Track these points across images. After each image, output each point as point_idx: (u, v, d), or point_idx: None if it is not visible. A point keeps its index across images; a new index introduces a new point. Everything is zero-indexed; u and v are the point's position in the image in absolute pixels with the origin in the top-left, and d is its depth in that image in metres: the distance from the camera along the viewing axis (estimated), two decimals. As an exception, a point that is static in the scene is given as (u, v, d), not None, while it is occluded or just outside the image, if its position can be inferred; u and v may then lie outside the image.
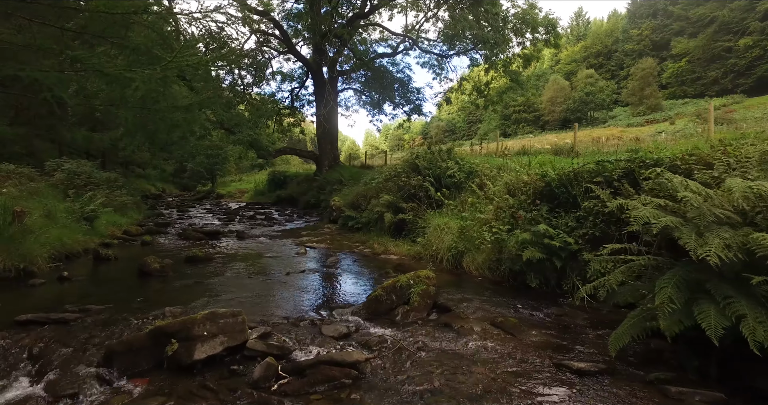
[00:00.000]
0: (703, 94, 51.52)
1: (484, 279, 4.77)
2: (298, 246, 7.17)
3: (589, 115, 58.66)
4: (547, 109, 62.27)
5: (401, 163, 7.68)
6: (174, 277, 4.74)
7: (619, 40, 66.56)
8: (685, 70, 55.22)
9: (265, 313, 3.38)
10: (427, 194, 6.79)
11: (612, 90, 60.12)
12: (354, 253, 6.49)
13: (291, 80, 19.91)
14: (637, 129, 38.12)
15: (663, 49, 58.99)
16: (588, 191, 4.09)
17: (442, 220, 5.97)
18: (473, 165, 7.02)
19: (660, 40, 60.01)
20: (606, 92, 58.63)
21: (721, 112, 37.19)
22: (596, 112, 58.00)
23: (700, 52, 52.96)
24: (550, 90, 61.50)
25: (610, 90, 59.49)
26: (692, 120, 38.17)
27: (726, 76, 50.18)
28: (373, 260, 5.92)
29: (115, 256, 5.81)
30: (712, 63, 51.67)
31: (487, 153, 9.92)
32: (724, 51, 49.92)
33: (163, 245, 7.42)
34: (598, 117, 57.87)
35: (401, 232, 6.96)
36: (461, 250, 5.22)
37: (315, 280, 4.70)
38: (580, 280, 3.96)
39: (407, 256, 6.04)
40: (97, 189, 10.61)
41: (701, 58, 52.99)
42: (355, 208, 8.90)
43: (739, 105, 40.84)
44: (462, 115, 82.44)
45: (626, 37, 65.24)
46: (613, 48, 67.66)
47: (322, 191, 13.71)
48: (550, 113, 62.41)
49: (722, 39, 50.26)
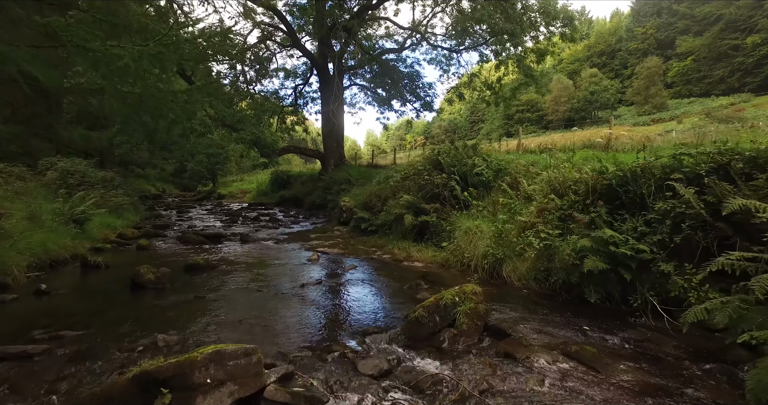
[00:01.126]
0: (709, 92, 50.96)
1: (530, 291, 4.12)
2: (308, 251, 6.52)
3: (593, 114, 58.10)
4: (550, 108, 61.75)
5: (421, 160, 7.03)
6: (171, 289, 4.09)
7: (623, 39, 65.98)
8: (691, 68, 54.63)
9: (282, 342, 2.73)
10: (452, 194, 6.14)
11: (616, 89, 59.54)
12: (372, 259, 5.84)
13: (294, 77, 19.29)
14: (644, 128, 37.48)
15: (668, 47, 58.42)
16: (663, 189, 3.44)
17: (472, 222, 5.32)
18: (502, 162, 6.37)
19: (665, 39, 59.45)
20: (610, 91, 58.06)
21: (731, 111, 36.58)
22: (600, 112, 57.42)
23: (706, 51, 52.37)
24: (553, 89, 60.96)
25: (614, 89, 58.92)
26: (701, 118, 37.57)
27: (733, 74, 49.57)
28: (395, 268, 5.27)
29: (105, 264, 5.16)
30: (718, 61, 51.07)
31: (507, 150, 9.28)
32: (730, 49, 49.32)
33: (161, 250, 6.78)
34: (602, 116, 57.30)
35: (423, 235, 6.31)
36: (499, 258, 4.57)
37: (335, 294, 4.05)
38: (655, 295, 3.31)
39: (433, 263, 5.39)
40: (92, 189, 9.98)
41: (707, 57, 52.39)
42: (368, 209, 8.26)
43: (747, 104, 40.20)
44: (464, 115, 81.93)
45: (630, 35, 64.67)
46: (617, 47, 67.10)
47: (329, 191, 13.07)
48: (553, 113, 61.87)
49: (729, 37, 49.67)
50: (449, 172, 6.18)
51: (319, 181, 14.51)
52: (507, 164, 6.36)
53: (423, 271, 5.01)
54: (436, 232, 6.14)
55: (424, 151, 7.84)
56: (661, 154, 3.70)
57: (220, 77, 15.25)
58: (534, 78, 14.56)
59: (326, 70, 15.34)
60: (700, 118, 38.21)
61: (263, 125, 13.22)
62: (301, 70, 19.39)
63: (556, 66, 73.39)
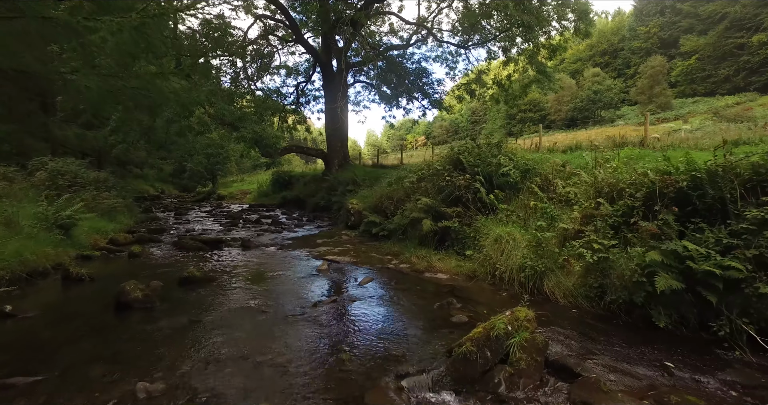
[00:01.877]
0: (714, 92, 50.46)
1: (580, 311, 3.53)
2: (316, 259, 5.93)
3: (597, 114, 57.65)
4: (553, 108, 61.28)
5: (440, 159, 6.44)
6: (162, 310, 3.50)
7: (626, 39, 65.53)
8: (695, 67, 54.19)
9: (299, 393, 2.12)
10: (475, 197, 5.55)
11: (620, 88, 59.08)
12: (389, 270, 5.25)
13: (296, 74, 18.73)
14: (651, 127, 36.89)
15: (671, 46, 57.97)
16: (755, 193, 2.86)
17: (502, 229, 4.73)
18: (530, 161, 5.78)
19: (668, 38, 59.01)
20: (614, 91, 57.58)
21: (739, 110, 36.00)
22: (603, 111, 56.99)
23: (711, 50, 51.91)
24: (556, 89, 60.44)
25: (618, 88, 58.44)
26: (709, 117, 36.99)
27: (738, 73, 49.09)
28: (417, 281, 4.68)
29: (90, 276, 4.57)
30: (723, 60, 50.60)
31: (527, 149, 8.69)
32: (736, 48, 48.86)
33: (155, 258, 6.19)
34: (605, 116, 56.86)
35: (443, 242, 5.72)
36: (539, 271, 3.98)
37: (354, 317, 3.45)
38: (750, 322, 2.72)
39: (459, 274, 4.80)
40: (83, 190, 9.40)
41: (712, 56, 51.93)
42: (378, 213, 7.67)
43: (754, 103, 39.68)
44: (465, 116, 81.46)
45: (633, 35, 64.22)
46: (620, 46, 66.64)
47: (334, 192, 12.48)
48: (556, 112, 61.40)
49: (734, 36, 49.21)
50: (472, 172, 5.59)
51: (322, 181, 13.92)
52: (535, 164, 5.77)
53: (449, 285, 4.42)
54: (458, 239, 5.55)
55: (433, 150, 7.27)
56: (752, 151, 3.10)
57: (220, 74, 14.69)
58: (547, 74, 13.98)
59: (330, 66, 14.75)
60: (708, 117, 37.67)
61: (265, 123, 12.62)
62: (304, 68, 18.83)
63: (558, 65, 72.79)
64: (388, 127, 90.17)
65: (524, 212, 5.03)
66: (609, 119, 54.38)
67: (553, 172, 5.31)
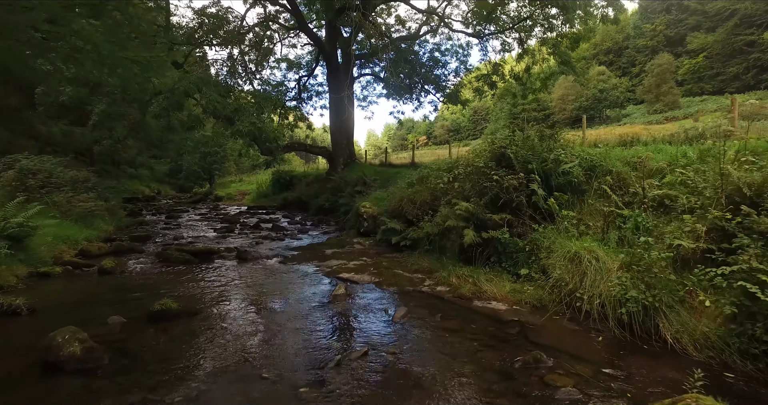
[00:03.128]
0: (722, 90, 49.43)
1: (733, 371, 2.37)
2: (328, 277, 4.78)
3: (602, 113, 56.71)
4: (557, 107, 60.32)
5: (476, 154, 5.28)
6: (109, 374, 2.34)
7: (630, 37, 64.57)
8: (703, 66, 53.18)
9: None
10: (529, 201, 4.41)
11: (625, 87, 58.13)
12: (423, 294, 4.10)
13: (298, 68, 17.60)
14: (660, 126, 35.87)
15: (678, 44, 57.02)
16: None
17: (576, 244, 3.58)
18: (594, 156, 4.63)
19: (674, 36, 58.06)
20: (620, 89, 56.64)
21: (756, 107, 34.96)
22: (609, 110, 56.06)
23: (719, 47, 50.89)
24: (560, 88, 59.60)
25: (623, 87, 57.50)
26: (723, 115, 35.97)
27: (748, 71, 48.09)
28: (467, 313, 3.52)
29: (29, 307, 3.40)
30: (732, 58, 49.61)
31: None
32: (745, 45, 47.85)
33: (130, 275, 5.03)
34: (611, 115, 55.91)
35: (488, 257, 4.56)
36: (650, 306, 2.83)
37: (400, 388, 2.29)
38: None
39: (520, 303, 3.65)
40: (57, 192, 8.23)
41: (720, 54, 50.92)
42: (398, 218, 6.52)
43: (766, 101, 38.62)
44: (467, 115, 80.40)
45: (638, 33, 63.26)
46: (624, 45, 65.68)
47: (340, 194, 11.33)
48: (560, 112, 60.44)
49: (744, 33, 48.21)
50: (525, 170, 4.44)
51: (327, 181, 12.76)
52: (602, 159, 4.61)
53: (514, 322, 3.27)
54: (507, 253, 4.40)
55: (450, 149, 6.10)
56: None
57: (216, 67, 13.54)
58: (571, 65, 12.84)
59: (335, 57, 13.60)
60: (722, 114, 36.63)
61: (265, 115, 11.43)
62: (306, 61, 17.70)
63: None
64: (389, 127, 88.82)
65: (605, 222, 3.87)
66: (615, 118, 53.38)
67: (636, 168, 4.16)
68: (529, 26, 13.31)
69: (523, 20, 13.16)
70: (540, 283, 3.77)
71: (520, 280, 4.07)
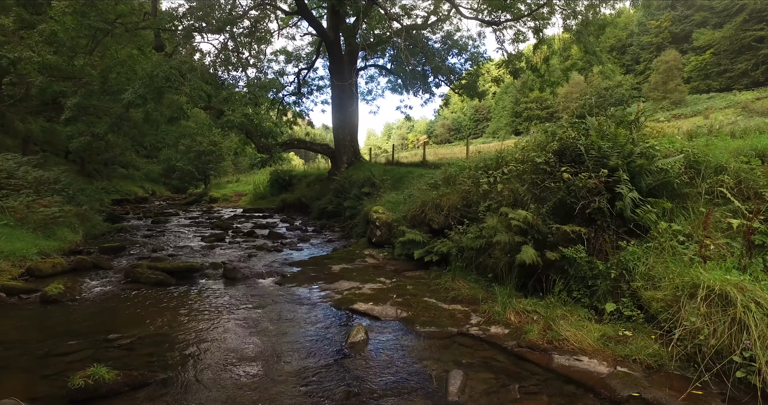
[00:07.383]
0: (730, 87, 48.41)
1: None
2: (338, 309, 3.62)
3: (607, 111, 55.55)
4: (561, 105, 59.33)
5: (534, 147, 4.12)
6: None
7: (634, 34, 63.55)
8: (710, 62, 52.18)
9: None
10: (611, 208, 3.25)
11: (631, 84, 57.16)
12: (474, 340, 2.94)
13: (297, 61, 16.43)
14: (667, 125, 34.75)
15: (683, 41, 56.03)
16: None
17: (714, 275, 2.42)
18: (696, 149, 3.48)
19: (680, 33, 57.06)
20: (625, 87, 55.66)
21: None
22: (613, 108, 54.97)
23: (727, 44, 49.88)
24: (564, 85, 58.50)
25: (629, 84, 56.53)
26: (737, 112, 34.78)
27: (757, 67, 47.12)
28: (553, 380, 2.37)
29: None
30: (740, 54, 48.63)
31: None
32: (754, 41, 46.85)
33: (80, 305, 3.87)
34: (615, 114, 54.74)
35: (551, 283, 3.40)
36: None
37: None
38: None
39: (625, 360, 2.48)
40: (15, 194, 7.05)
41: (728, 50, 49.94)
42: (419, 226, 5.35)
43: (774, 97, 37.54)
44: (468, 113, 79.27)
45: (643, 29, 62.25)
46: (628, 42, 64.69)
47: (345, 195, 10.18)
48: (564, 109, 59.42)
49: (752, 28, 47.22)
50: (606, 167, 3.28)
51: (329, 182, 11.59)
52: (706, 154, 3.45)
53: (631, 399, 2.11)
54: (580, 278, 3.25)
55: (468, 147, 4.97)
56: None
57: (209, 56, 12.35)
58: (597, 55, 11.68)
59: (338, 46, 12.42)
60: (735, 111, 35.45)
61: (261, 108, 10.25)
62: (306, 53, 16.52)
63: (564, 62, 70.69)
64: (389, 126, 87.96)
65: (717, 238, 2.72)
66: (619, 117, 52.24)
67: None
68: (546, 13, 12.18)
69: (540, 7, 12.02)
70: (640, 324, 2.62)
71: (605, 318, 2.93)
